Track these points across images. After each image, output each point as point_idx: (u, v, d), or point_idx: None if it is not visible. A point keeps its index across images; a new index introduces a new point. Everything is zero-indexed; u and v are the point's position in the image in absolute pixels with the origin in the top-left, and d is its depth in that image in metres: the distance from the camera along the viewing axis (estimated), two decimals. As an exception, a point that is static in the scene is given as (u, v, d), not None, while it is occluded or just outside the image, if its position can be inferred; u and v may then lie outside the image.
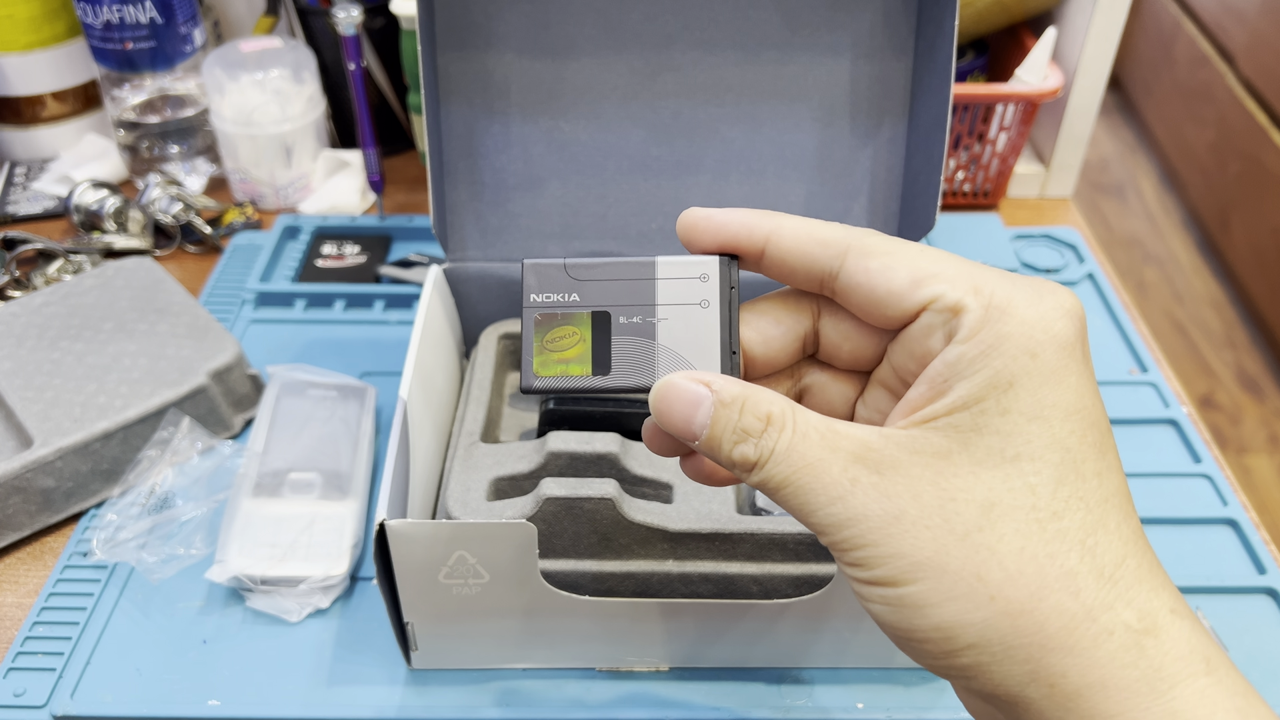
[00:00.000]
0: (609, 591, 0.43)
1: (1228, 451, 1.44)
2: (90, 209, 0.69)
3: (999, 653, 0.24)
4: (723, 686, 0.45)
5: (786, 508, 0.27)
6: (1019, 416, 0.25)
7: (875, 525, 0.25)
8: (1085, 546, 0.24)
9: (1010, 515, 0.25)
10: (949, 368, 0.26)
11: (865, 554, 0.25)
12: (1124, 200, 1.90)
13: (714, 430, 0.27)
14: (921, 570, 0.25)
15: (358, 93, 0.65)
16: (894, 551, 0.25)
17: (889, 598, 0.25)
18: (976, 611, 0.24)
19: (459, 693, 0.44)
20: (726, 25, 0.50)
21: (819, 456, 0.26)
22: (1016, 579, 0.24)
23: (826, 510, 0.26)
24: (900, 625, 0.25)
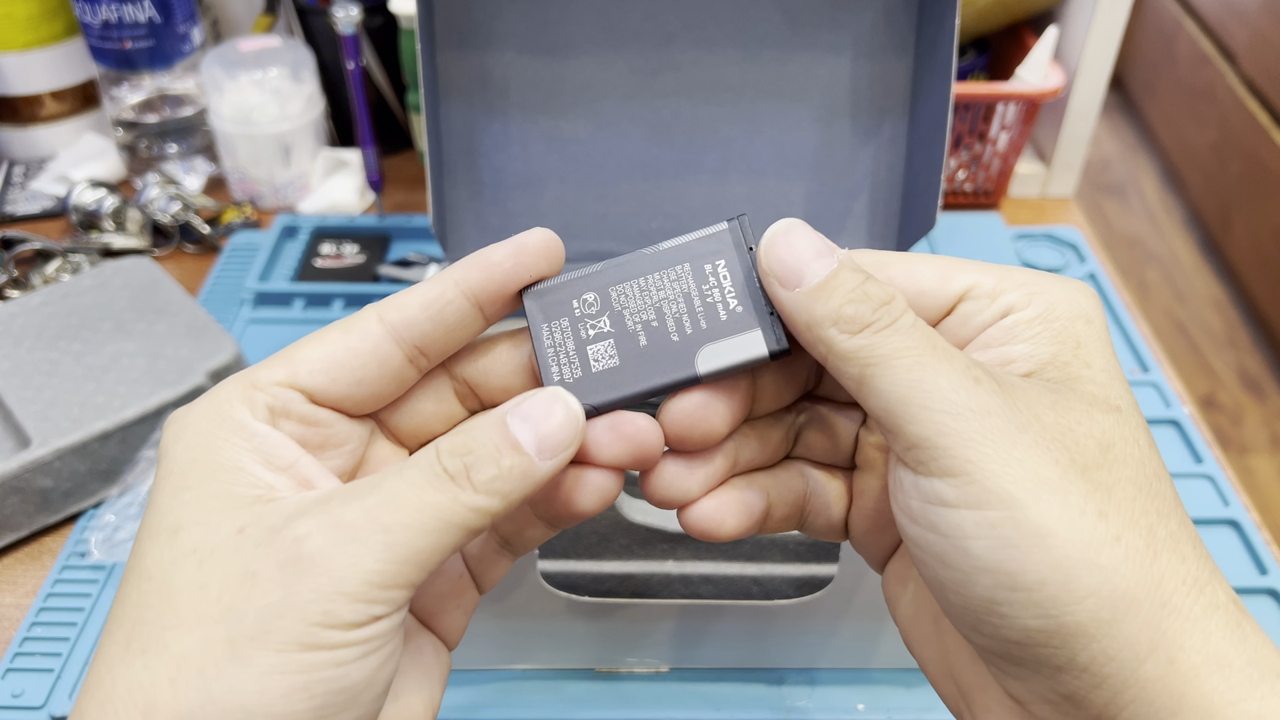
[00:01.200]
0: (608, 592, 0.43)
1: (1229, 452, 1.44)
2: (88, 208, 0.69)
3: (1121, 607, 0.21)
4: (723, 687, 0.44)
5: (883, 384, 0.23)
6: (1102, 372, 0.24)
7: (999, 425, 0.22)
8: (1180, 516, 0.23)
9: (1125, 462, 0.23)
10: (1006, 333, 0.24)
11: (979, 456, 0.22)
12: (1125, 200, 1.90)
13: (831, 280, 0.24)
14: (1047, 490, 0.21)
15: (356, 92, 0.65)
16: (1018, 460, 0.22)
17: (1000, 524, 0.21)
18: (1103, 550, 0.21)
19: (459, 693, 0.44)
20: (727, 24, 0.50)
21: (944, 345, 0.23)
22: (1134, 526, 0.22)
23: (945, 393, 0.22)
24: (1006, 565, 0.21)
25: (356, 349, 0.25)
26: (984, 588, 0.22)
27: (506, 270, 0.26)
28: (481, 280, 0.25)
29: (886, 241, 0.53)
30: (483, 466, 0.23)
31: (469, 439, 0.23)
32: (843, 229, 0.53)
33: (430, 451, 0.23)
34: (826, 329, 0.23)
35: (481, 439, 0.23)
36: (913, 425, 0.22)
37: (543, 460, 0.23)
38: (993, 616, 0.22)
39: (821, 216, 0.53)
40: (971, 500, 0.22)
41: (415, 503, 0.22)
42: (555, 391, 0.24)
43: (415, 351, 0.25)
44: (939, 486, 0.22)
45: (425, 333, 0.25)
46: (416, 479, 0.23)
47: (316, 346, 0.25)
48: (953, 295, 0.25)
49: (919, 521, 0.23)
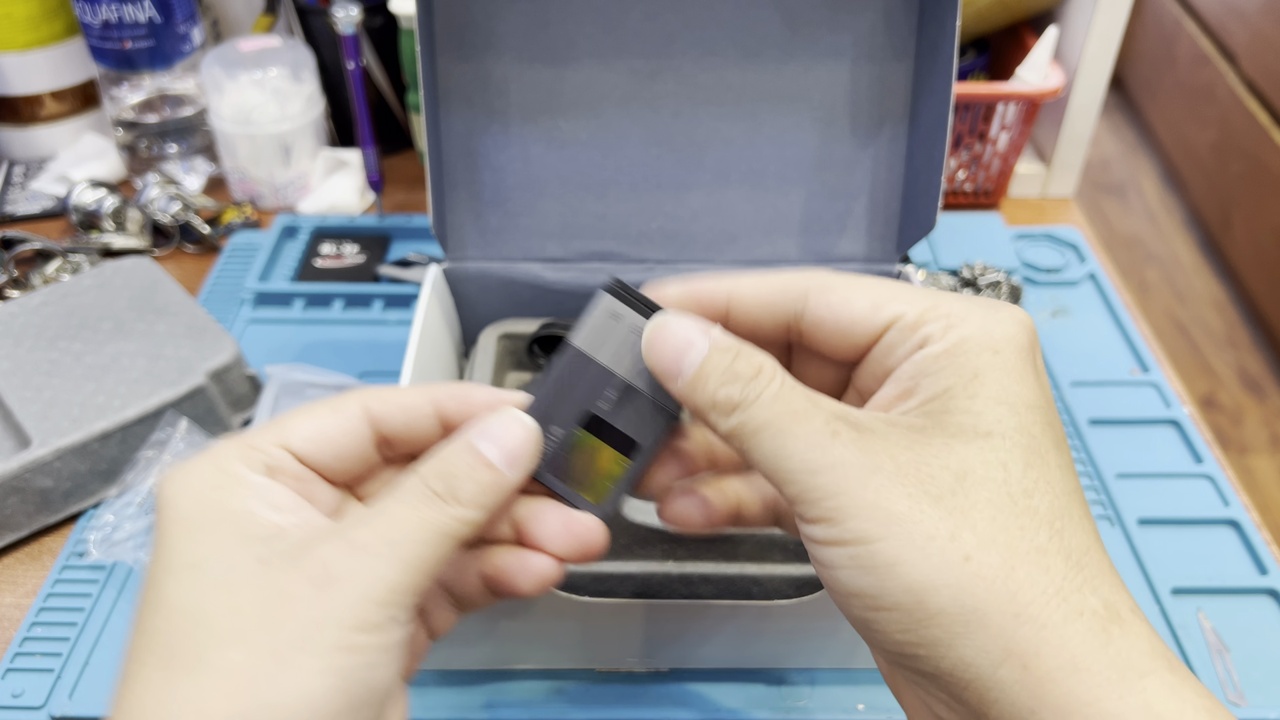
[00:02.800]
0: (609, 592, 0.43)
1: (1229, 452, 1.44)
2: (88, 208, 0.69)
3: (972, 621, 0.23)
4: (723, 687, 0.44)
5: (758, 455, 0.26)
6: (987, 400, 0.26)
7: (852, 474, 0.25)
8: (1054, 528, 0.24)
9: (984, 485, 0.25)
10: (915, 367, 0.27)
11: (838, 504, 0.25)
12: (1125, 200, 1.90)
13: (703, 369, 0.27)
14: (896, 524, 0.24)
15: (356, 92, 0.65)
16: (869, 502, 0.24)
17: (859, 556, 0.24)
18: (950, 571, 0.24)
19: (459, 693, 0.44)
20: (727, 25, 0.50)
21: (803, 407, 0.26)
22: (989, 544, 0.24)
23: (804, 455, 0.25)
24: (867, 590, 0.24)
25: (342, 427, 0.28)
26: (856, 609, 0.25)
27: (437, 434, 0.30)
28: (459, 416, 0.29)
29: (886, 242, 0.53)
30: (463, 485, 0.27)
31: (446, 464, 0.27)
32: (843, 230, 0.53)
33: (415, 477, 0.27)
34: (709, 415, 0.27)
35: (457, 461, 0.27)
36: (785, 488, 0.26)
37: (511, 472, 0.28)
38: (869, 632, 0.25)
39: (821, 218, 0.53)
40: (835, 538, 0.25)
41: (415, 520, 0.26)
42: (509, 411, 0.28)
43: (383, 441, 0.29)
44: (812, 530, 0.25)
45: (396, 431, 0.29)
46: (412, 500, 0.26)
47: (307, 420, 0.28)
48: (880, 324, 0.28)
49: (811, 556, 0.26)
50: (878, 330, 0.28)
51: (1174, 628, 0.47)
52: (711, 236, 0.53)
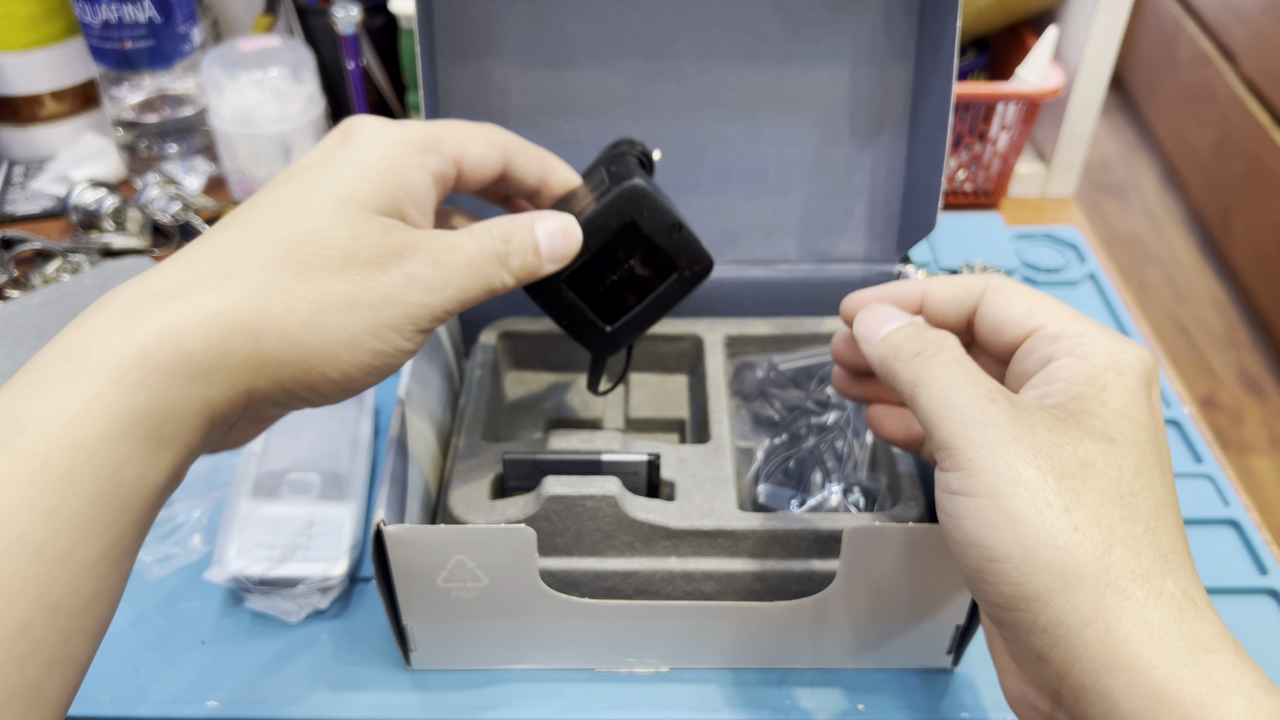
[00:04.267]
0: (611, 589, 0.43)
1: (1229, 452, 1.44)
2: (88, 208, 0.69)
3: (1070, 582, 0.27)
4: (723, 687, 0.44)
5: (924, 398, 0.31)
6: (1112, 412, 0.30)
7: (999, 434, 0.29)
8: (1149, 525, 0.28)
9: (1100, 477, 0.29)
10: (1050, 374, 0.32)
11: (978, 456, 0.29)
12: (1125, 200, 1.90)
13: (896, 334, 0.33)
14: (1023, 487, 0.28)
15: (356, 92, 0.65)
16: (1006, 463, 0.28)
17: (984, 509, 0.28)
18: (1060, 536, 0.28)
19: (458, 694, 0.44)
20: (727, 26, 0.50)
21: (976, 373, 0.31)
22: (1094, 523, 0.28)
23: (964, 407, 0.30)
24: (986, 541, 0.28)
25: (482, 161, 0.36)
26: (972, 559, 0.29)
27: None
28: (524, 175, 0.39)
29: (886, 243, 0.53)
30: (515, 256, 0.35)
31: (511, 232, 0.35)
32: (843, 231, 0.53)
33: (487, 232, 0.34)
34: (889, 359, 0.33)
35: (519, 235, 0.35)
36: (938, 431, 0.30)
37: (547, 264, 0.36)
38: (980, 582, 0.29)
39: (821, 219, 0.53)
40: (967, 489, 0.29)
41: (478, 267, 0.34)
42: (568, 219, 0.37)
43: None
44: (949, 478, 0.30)
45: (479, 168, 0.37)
46: (482, 250, 0.34)
47: (473, 144, 0.36)
48: (1029, 329, 0.33)
49: (939, 506, 0.30)
50: (1025, 333, 0.33)
51: (1174, 627, 0.47)
52: (711, 237, 0.53)
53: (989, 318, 0.34)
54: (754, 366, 0.51)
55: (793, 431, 0.48)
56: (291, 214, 0.31)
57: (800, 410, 0.49)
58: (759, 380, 0.51)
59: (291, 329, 0.29)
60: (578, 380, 0.53)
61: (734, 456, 0.46)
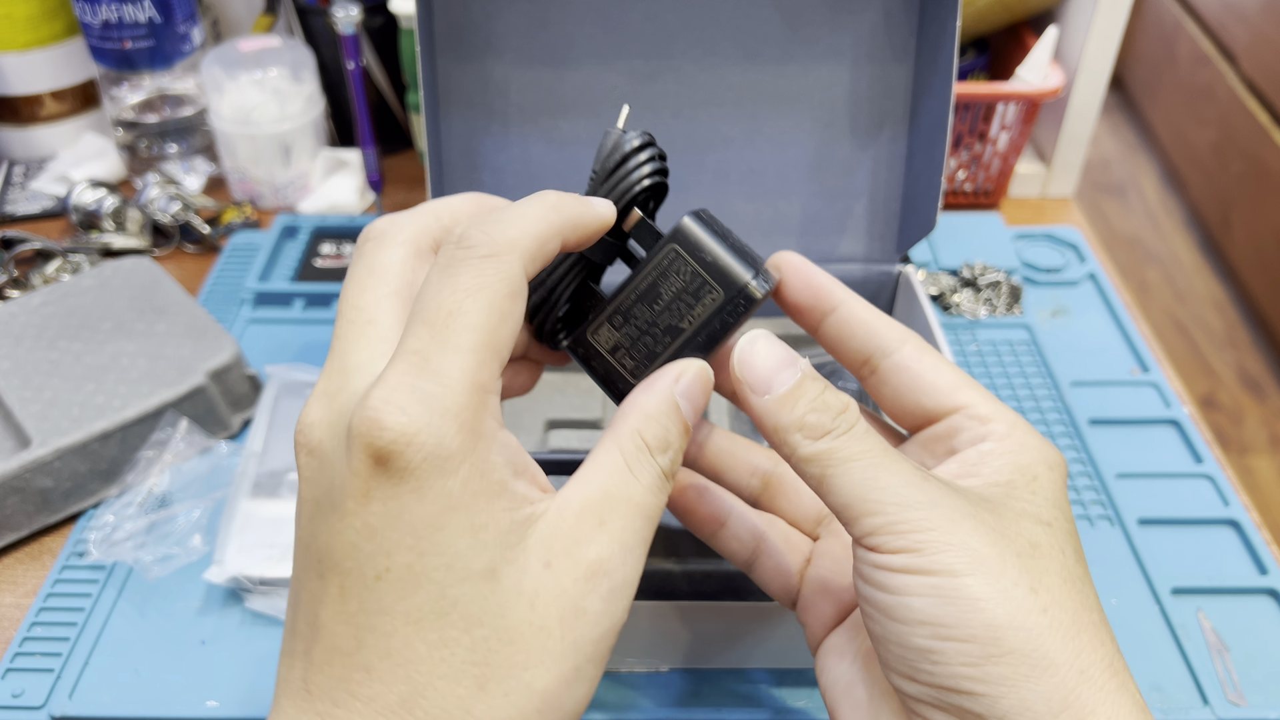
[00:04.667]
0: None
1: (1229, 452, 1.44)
2: (88, 208, 0.69)
3: (1041, 666, 0.25)
4: (723, 687, 0.44)
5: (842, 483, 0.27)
6: (1044, 500, 0.28)
7: (945, 513, 0.26)
8: (1101, 614, 0.27)
9: (1051, 559, 0.27)
10: (981, 456, 0.29)
11: (927, 539, 0.26)
12: (1125, 200, 1.90)
13: (795, 391, 0.28)
14: (984, 565, 0.26)
15: (356, 92, 0.65)
16: (960, 541, 0.26)
17: (942, 587, 0.25)
18: (1029, 617, 0.25)
19: (458, 694, 0.44)
20: (727, 25, 0.50)
21: (891, 451, 0.28)
22: (1062, 606, 0.26)
23: (899, 489, 0.26)
24: (944, 620, 0.25)
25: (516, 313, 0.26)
26: (922, 637, 0.26)
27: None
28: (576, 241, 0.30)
29: (886, 243, 0.53)
30: (675, 463, 0.28)
31: (667, 438, 0.28)
32: (843, 231, 0.53)
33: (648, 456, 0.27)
34: (792, 434, 0.28)
35: (675, 436, 0.28)
36: (870, 518, 0.27)
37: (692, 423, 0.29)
38: (927, 663, 0.26)
39: (821, 218, 0.53)
40: (917, 567, 0.26)
41: (654, 508, 0.27)
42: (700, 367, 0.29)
43: None
44: (890, 559, 0.26)
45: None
46: (650, 485, 0.27)
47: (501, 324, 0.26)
48: (955, 405, 0.30)
49: (871, 582, 0.27)
50: (950, 408, 0.30)
51: (1174, 628, 0.47)
52: (711, 236, 0.53)
53: (911, 375, 0.31)
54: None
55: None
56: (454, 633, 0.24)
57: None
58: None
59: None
60: (578, 380, 0.53)
61: (734, 456, 0.46)
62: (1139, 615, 0.48)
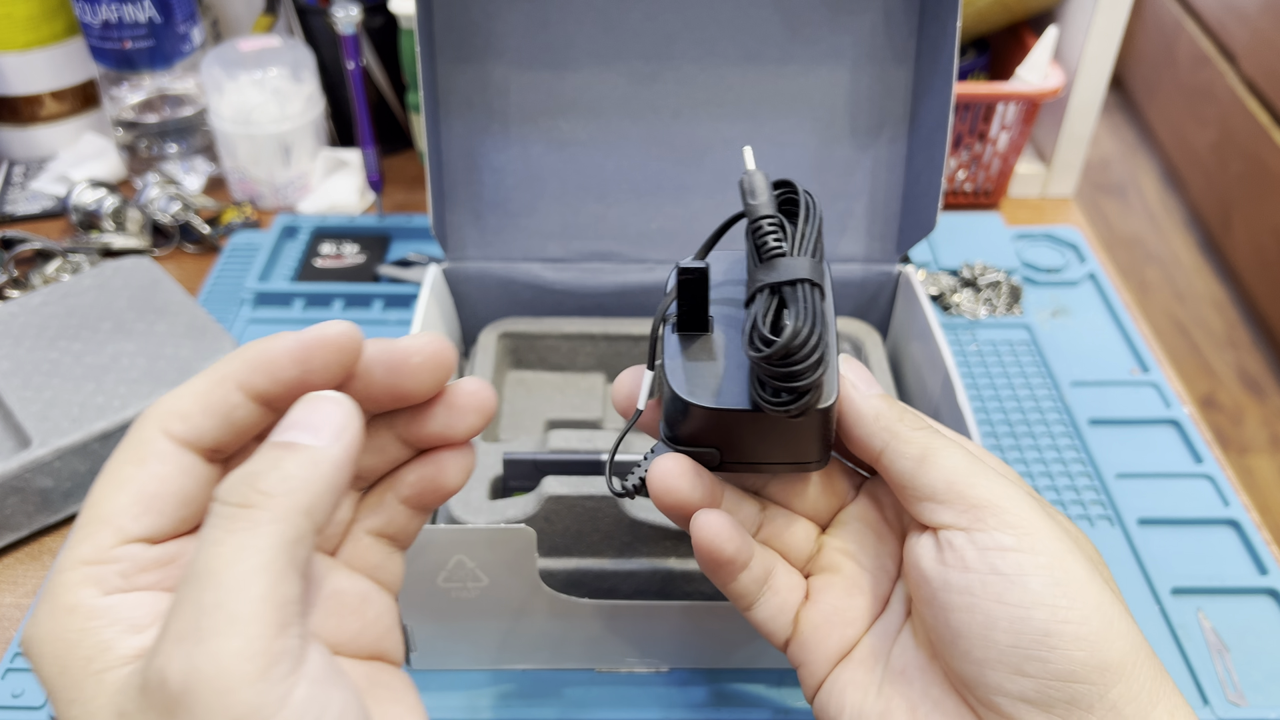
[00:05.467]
0: (611, 589, 0.43)
1: (1229, 452, 1.44)
2: (88, 208, 0.69)
3: (1144, 655, 0.26)
4: (723, 687, 0.44)
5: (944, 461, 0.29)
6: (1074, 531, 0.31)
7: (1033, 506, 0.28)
8: None
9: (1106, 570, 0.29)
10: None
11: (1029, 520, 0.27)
12: (1125, 200, 1.90)
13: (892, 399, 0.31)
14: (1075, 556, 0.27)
15: (356, 92, 0.65)
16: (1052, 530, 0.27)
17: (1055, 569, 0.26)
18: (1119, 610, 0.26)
19: (458, 693, 0.44)
20: (727, 26, 0.50)
21: None
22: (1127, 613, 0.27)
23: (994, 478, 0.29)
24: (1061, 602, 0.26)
25: (163, 476, 0.23)
26: (1040, 620, 0.26)
27: (291, 375, 0.25)
28: (266, 384, 0.24)
29: (886, 243, 0.53)
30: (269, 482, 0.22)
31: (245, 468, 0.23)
32: (843, 231, 0.53)
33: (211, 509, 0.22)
34: (894, 421, 0.30)
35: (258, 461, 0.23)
36: (975, 490, 0.28)
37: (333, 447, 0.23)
38: (1043, 649, 0.26)
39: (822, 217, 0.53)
40: (1029, 547, 0.27)
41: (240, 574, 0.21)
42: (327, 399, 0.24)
43: (212, 453, 0.25)
44: (1000, 537, 0.27)
45: (218, 439, 0.24)
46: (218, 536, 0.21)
47: (121, 492, 0.23)
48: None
49: (975, 567, 0.27)
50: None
51: (1174, 628, 0.47)
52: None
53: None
54: (754, 367, 0.51)
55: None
56: None
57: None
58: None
59: None
60: (578, 380, 0.53)
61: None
62: (1139, 615, 0.48)
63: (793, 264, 0.28)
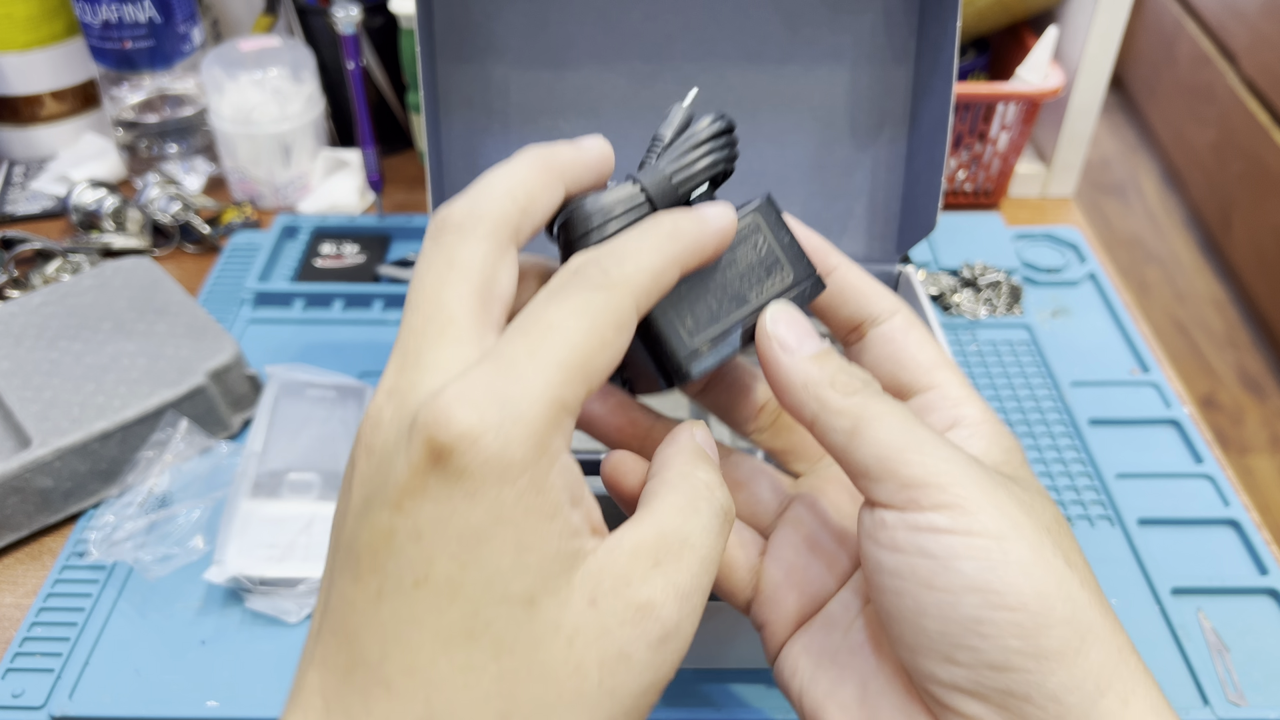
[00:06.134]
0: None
1: (1229, 452, 1.44)
2: (89, 208, 0.69)
3: (1089, 640, 0.24)
4: (723, 687, 0.44)
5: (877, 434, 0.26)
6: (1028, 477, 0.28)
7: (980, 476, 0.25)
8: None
9: (1066, 536, 0.26)
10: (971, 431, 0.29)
11: (969, 495, 0.25)
12: (1125, 200, 1.90)
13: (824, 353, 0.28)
14: (1023, 531, 0.24)
15: (356, 92, 0.65)
16: (999, 504, 0.25)
17: (990, 551, 0.24)
18: (1071, 588, 0.24)
19: (458, 694, 0.44)
20: (727, 26, 0.50)
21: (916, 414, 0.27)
22: (1089, 584, 0.25)
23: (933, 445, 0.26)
24: (993, 586, 0.24)
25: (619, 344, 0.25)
26: (971, 606, 0.24)
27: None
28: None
29: (886, 243, 0.53)
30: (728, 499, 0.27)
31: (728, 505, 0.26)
32: (843, 231, 0.53)
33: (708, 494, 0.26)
34: (823, 388, 0.27)
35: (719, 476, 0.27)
36: (908, 468, 0.25)
37: None
38: (974, 638, 0.24)
39: (821, 218, 0.53)
40: (963, 528, 0.24)
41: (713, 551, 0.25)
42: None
43: None
44: (932, 517, 0.25)
45: None
46: (711, 526, 0.25)
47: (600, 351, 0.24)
48: (930, 382, 0.30)
49: (905, 549, 0.25)
50: (925, 385, 0.30)
51: (1174, 628, 0.47)
52: (711, 237, 0.53)
53: (893, 348, 0.30)
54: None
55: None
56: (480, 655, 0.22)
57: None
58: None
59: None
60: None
61: (734, 457, 0.46)
62: (1139, 615, 0.48)
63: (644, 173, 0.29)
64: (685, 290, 0.29)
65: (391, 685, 0.22)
